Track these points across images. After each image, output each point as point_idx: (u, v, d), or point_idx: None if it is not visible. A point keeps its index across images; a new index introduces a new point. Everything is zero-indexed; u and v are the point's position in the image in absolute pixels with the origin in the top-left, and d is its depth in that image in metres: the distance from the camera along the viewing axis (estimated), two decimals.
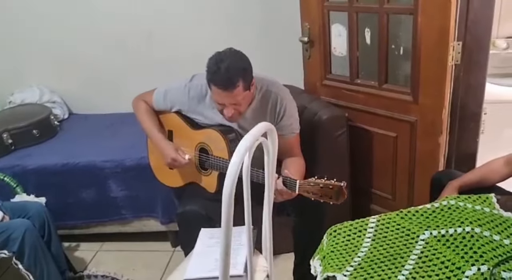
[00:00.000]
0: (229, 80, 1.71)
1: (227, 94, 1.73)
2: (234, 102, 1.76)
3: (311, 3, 2.26)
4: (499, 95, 2.41)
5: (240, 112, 1.82)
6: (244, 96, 1.77)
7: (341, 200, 1.55)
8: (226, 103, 1.78)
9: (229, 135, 1.89)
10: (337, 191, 1.53)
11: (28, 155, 2.52)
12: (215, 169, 1.91)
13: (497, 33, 2.73)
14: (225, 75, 1.70)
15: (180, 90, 1.98)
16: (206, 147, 1.94)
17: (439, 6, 1.80)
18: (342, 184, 1.53)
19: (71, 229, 2.51)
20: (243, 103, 1.80)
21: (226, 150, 1.85)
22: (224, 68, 1.69)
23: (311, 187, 1.60)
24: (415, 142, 2.10)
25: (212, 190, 1.95)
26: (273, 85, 1.94)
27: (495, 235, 0.97)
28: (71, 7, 2.86)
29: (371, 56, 2.19)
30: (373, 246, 1.07)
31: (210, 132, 1.93)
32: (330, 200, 1.56)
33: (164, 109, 2.05)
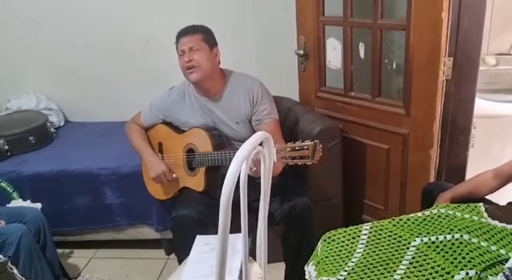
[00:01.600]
0: (191, 27, 2.02)
1: (187, 38, 1.98)
2: (192, 46, 1.96)
3: (307, 17, 2.32)
4: (489, 110, 2.46)
5: (197, 62, 1.96)
6: (203, 48, 1.98)
7: (317, 158, 1.58)
8: (186, 49, 1.97)
9: (213, 131, 2.03)
10: (313, 150, 1.57)
11: (24, 161, 2.53)
12: (202, 165, 2.01)
13: (487, 50, 2.81)
14: (189, 26, 2.03)
15: (162, 97, 2.17)
16: (193, 146, 2.05)
17: (431, 23, 1.86)
18: (316, 141, 1.58)
19: (65, 236, 2.52)
20: (200, 54, 1.97)
21: (211, 144, 1.98)
22: (188, 25, 2.03)
23: (287, 152, 1.63)
24: (407, 154, 2.15)
25: (200, 189, 2.03)
26: (246, 76, 2.12)
27: (483, 242, 1.02)
28: (69, 15, 2.89)
29: (365, 69, 2.24)
30: (366, 252, 1.11)
31: (194, 131, 2.06)
32: (307, 160, 1.58)
33: (152, 122, 2.20)
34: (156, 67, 2.93)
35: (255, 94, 2.04)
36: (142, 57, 2.95)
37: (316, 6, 2.26)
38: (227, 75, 2.10)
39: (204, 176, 2.02)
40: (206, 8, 2.78)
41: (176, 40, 2.02)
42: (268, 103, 2.06)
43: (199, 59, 1.96)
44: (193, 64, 1.96)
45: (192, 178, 2.07)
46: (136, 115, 2.24)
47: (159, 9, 2.83)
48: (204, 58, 1.97)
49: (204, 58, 1.97)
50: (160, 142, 2.17)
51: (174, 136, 2.12)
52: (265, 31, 2.81)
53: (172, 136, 2.13)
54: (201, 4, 2.79)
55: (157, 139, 2.18)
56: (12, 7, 2.91)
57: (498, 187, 1.73)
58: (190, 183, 2.08)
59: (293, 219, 1.98)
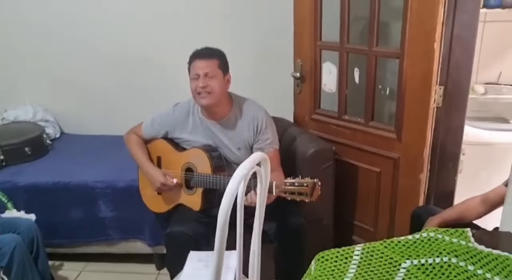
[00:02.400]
0: (207, 50, 2.03)
1: (203, 62, 1.98)
2: (208, 71, 1.96)
3: (305, 42, 2.39)
4: (477, 137, 2.51)
5: (211, 89, 1.97)
6: (218, 74, 1.98)
7: (315, 197, 1.64)
8: (201, 74, 1.97)
9: (213, 153, 2.04)
10: (312, 188, 1.62)
11: (19, 172, 2.55)
12: (200, 186, 2.02)
13: (476, 79, 2.89)
14: (205, 49, 2.04)
15: (165, 113, 2.18)
16: (192, 166, 2.06)
17: (424, 52, 1.94)
18: (316, 180, 1.63)
19: (56, 248, 2.52)
20: (214, 81, 1.97)
21: (210, 166, 1.99)
22: (206, 47, 2.05)
23: (286, 187, 1.68)
24: (398, 178, 2.20)
25: (196, 208, 2.04)
26: (251, 103, 2.13)
27: (470, 266, 1.06)
28: (69, 28, 2.93)
29: (359, 94, 2.30)
30: (358, 272, 1.15)
31: (195, 151, 2.06)
32: (305, 197, 1.65)
33: (153, 135, 2.20)
34: (154, 83, 2.98)
35: (259, 122, 2.06)
36: (140, 73, 2.99)
37: (313, 31, 2.33)
38: (234, 100, 2.11)
39: (202, 196, 2.03)
40: (205, 29, 2.85)
41: (190, 61, 2.02)
42: (271, 133, 2.09)
43: (214, 86, 1.97)
44: (207, 91, 1.97)
45: (189, 196, 2.08)
46: (137, 126, 2.24)
47: (159, 26, 2.89)
48: (218, 85, 1.98)
49: (218, 85, 1.98)
50: (159, 156, 2.19)
51: (174, 153, 2.13)
52: (263, 54, 2.87)
53: (171, 152, 2.14)
54: (200, 24, 2.85)
55: (156, 153, 2.20)
56: (11, 19, 2.94)
57: (485, 213, 1.79)
58: (187, 201, 2.09)
59: (286, 237, 2.02)
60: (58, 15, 2.91)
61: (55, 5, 2.89)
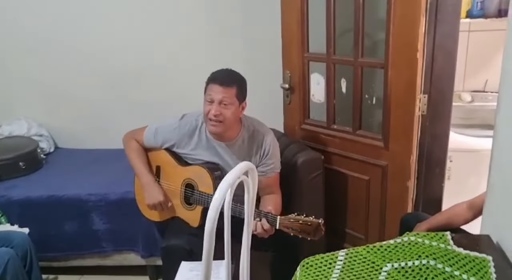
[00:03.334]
0: (228, 77, 1.94)
1: (221, 89, 1.89)
2: (224, 99, 1.89)
3: (293, 54, 2.44)
4: (464, 144, 2.55)
5: (224, 118, 1.91)
6: (233, 103, 1.92)
7: (318, 236, 1.66)
8: (216, 100, 1.90)
9: (215, 172, 2.00)
10: (315, 228, 1.65)
11: (14, 187, 2.57)
12: (200, 204, 2.00)
13: (462, 87, 2.95)
14: (225, 73, 1.96)
15: (171, 127, 2.09)
16: (193, 182, 2.03)
17: (407, 62, 1.98)
18: (320, 221, 1.65)
19: (50, 261, 2.53)
20: (229, 110, 1.91)
21: (212, 186, 1.95)
22: (227, 71, 1.97)
23: (290, 223, 1.70)
24: (386, 185, 2.24)
25: (195, 225, 2.03)
26: (261, 126, 2.11)
27: (447, 267, 1.10)
28: (61, 43, 2.95)
29: (347, 104, 2.35)
30: (341, 277, 1.18)
31: (197, 169, 2.03)
32: (308, 236, 1.67)
33: (154, 146, 2.14)
34: (148, 98, 3.00)
35: (267, 148, 2.04)
36: (134, 87, 3.02)
37: (301, 43, 2.39)
38: (243, 123, 2.07)
39: (201, 214, 1.99)
40: (197, 43, 2.89)
41: (208, 82, 1.94)
42: (275, 158, 2.08)
43: (227, 115, 1.91)
44: (220, 119, 1.91)
45: (188, 212, 2.06)
46: (138, 131, 2.16)
47: (153, 41, 2.93)
48: (231, 114, 1.92)
49: (232, 115, 1.93)
50: (159, 166, 2.15)
51: (175, 166, 2.09)
52: (252, 66, 2.89)
53: (172, 165, 2.10)
54: (192, 39, 2.90)
55: (157, 162, 2.16)
56: (5, 35, 2.98)
57: (472, 218, 1.81)
58: (186, 216, 2.07)
59: (280, 246, 2.02)
60: (52, 30, 2.94)
61: (50, 20, 2.92)
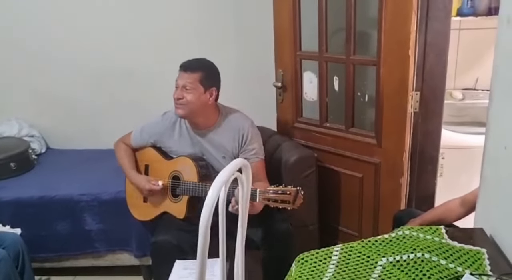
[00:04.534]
0: (192, 63, 2.05)
1: (185, 75, 2.02)
2: (186, 84, 2.01)
3: (285, 52, 2.45)
4: (456, 141, 2.58)
5: (186, 101, 2.01)
6: (197, 88, 2.02)
7: (298, 204, 1.69)
8: (180, 85, 2.02)
9: (200, 162, 2.08)
10: (294, 196, 1.67)
11: (4, 187, 2.54)
12: (186, 194, 2.06)
13: (454, 85, 2.98)
14: (193, 60, 2.07)
15: (154, 123, 2.22)
16: (178, 174, 2.09)
17: (399, 60, 2.00)
18: (298, 188, 1.68)
19: (42, 262, 2.51)
20: (192, 94, 2.01)
21: (196, 174, 2.02)
22: (195, 58, 2.08)
23: (270, 195, 1.73)
24: (379, 182, 2.25)
25: (181, 216, 2.07)
26: (239, 114, 2.17)
27: (442, 260, 1.11)
28: (51, 44, 2.94)
29: (339, 102, 2.36)
30: (337, 272, 1.18)
31: (182, 159, 2.10)
32: (288, 205, 1.70)
33: (141, 144, 2.24)
34: (138, 97, 3.00)
35: (245, 133, 2.11)
36: (125, 87, 3.01)
37: (293, 42, 2.39)
38: (221, 112, 2.15)
39: (186, 205, 2.06)
40: (189, 42, 2.89)
41: (179, 69, 2.07)
42: (256, 143, 2.13)
43: (189, 99, 2.01)
44: (181, 103, 2.02)
45: (174, 204, 2.11)
46: (126, 135, 2.28)
47: (144, 41, 2.93)
48: (194, 99, 2.02)
49: (194, 99, 2.02)
50: (147, 164, 2.22)
51: (162, 161, 2.17)
52: (245, 65, 2.92)
53: (159, 160, 2.18)
54: (184, 37, 2.90)
55: (144, 161, 2.23)
56: None
57: (464, 214, 1.82)
58: (172, 209, 2.12)
59: (273, 244, 2.04)
60: (43, 31, 2.93)
61: (41, 22, 2.91)
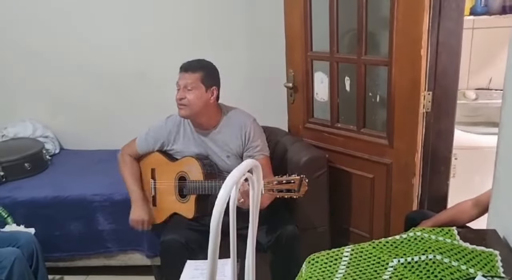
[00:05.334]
0: (192, 64, 2.06)
1: (186, 75, 2.03)
2: (187, 84, 2.02)
3: (296, 53, 2.44)
4: (469, 142, 2.55)
5: (188, 102, 2.02)
6: (198, 88, 2.03)
7: (303, 192, 1.68)
8: (182, 85, 2.03)
9: (205, 160, 2.09)
10: (299, 184, 1.67)
11: (19, 188, 2.58)
12: (193, 192, 2.07)
13: (467, 84, 2.95)
14: (193, 61, 2.07)
15: (158, 127, 2.22)
16: (185, 174, 2.11)
17: (411, 60, 1.98)
18: (302, 176, 1.68)
19: (56, 262, 2.54)
20: (194, 94, 2.02)
21: (202, 173, 2.04)
22: (194, 59, 2.08)
23: (274, 185, 1.72)
24: (391, 183, 2.23)
25: (190, 216, 2.09)
26: (241, 112, 2.18)
27: (454, 262, 1.10)
28: (65, 47, 2.98)
29: (350, 102, 2.35)
30: (348, 273, 1.18)
31: (187, 160, 2.12)
32: (293, 193, 1.69)
33: (147, 150, 2.24)
34: (150, 97, 3.02)
35: (247, 130, 2.11)
36: (137, 88, 3.04)
37: (304, 42, 2.39)
38: (223, 111, 2.16)
39: (195, 204, 2.08)
40: (200, 43, 2.90)
41: (179, 71, 2.08)
42: (260, 140, 2.13)
43: (191, 99, 2.02)
44: (184, 103, 2.03)
45: (182, 205, 2.13)
46: (129, 145, 2.27)
47: (155, 42, 2.95)
48: (196, 99, 2.03)
49: (196, 98, 2.03)
50: (154, 168, 2.24)
51: (167, 164, 2.18)
52: (256, 66, 2.93)
53: (165, 163, 2.19)
54: (195, 38, 2.91)
55: (151, 165, 2.24)
56: (11, 38, 3.00)
57: (477, 216, 1.80)
58: (181, 209, 2.14)
59: (280, 247, 2.04)
60: (56, 34, 2.96)
61: (52, 25, 2.95)
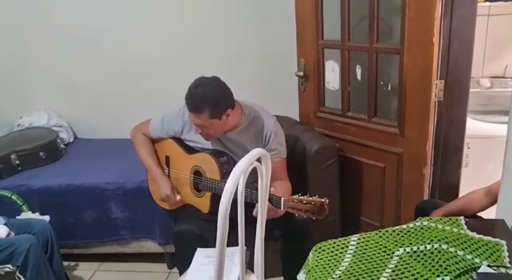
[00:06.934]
0: (196, 104, 1.91)
1: (194, 116, 1.94)
2: (199, 123, 1.95)
3: (307, 41, 2.43)
4: (483, 131, 2.52)
5: (208, 134, 1.99)
6: (212, 123, 1.95)
7: (322, 216, 1.66)
8: (193, 123, 1.98)
9: (221, 158, 2.03)
10: (319, 207, 1.65)
11: (34, 176, 2.63)
12: (208, 190, 2.03)
13: (481, 72, 2.90)
14: (194, 99, 1.91)
15: (175, 115, 2.15)
16: (200, 169, 2.07)
17: (423, 47, 1.96)
18: (324, 200, 1.65)
19: (71, 249, 2.59)
20: (211, 128, 1.97)
21: (218, 172, 1.99)
22: (196, 93, 1.90)
23: (294, 203, 1.71)
24: (402, 172, 2.22)
25: (205, 211, 2.06)
26: (260, 112, 2.11)
27: (459, 251, 1.09)
28: (80, 37, 3.01)
29: (362, 91, 2.33)
30: (353, 261, 1.19)
31: (203, 156, 2.06)
32: (312, 215, 1.68)
33: (161, 135, 2.20)
34: (163, 87, 3.04)
35: (268, 133, 2.05)
36: (149, 77, 3.06)
37: (315, 31, 2.37)
38: (243, 111, 2.07)
39: (210, 200, 2.03)
40: (212, 33, 2.91)
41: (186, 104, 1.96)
42: (279, 142, 2.08)
43: (210, 132, 1.99)
44: (204, 135, 2.01)
45: (198, 198, 2.09)
46: (144, 124, 2.23)
47: (167, 31, 2.96)
48: (214, 130, 1.98)
49: (213, 130, 1.98)
50: (168, 156, 2.20)
51: (182, 155, 2.14)
52: (267, 55, 2.92)
53: (180, 153, 2.15)
54: (206, 28, 2.92)
55: (165, 152, 2.21)
56: (26, 29, 3.03)
57: (489, 205, 1.79)
58: (196, 202, 2.10)
59: (291, 235, 2.04)
60: (69, 25, 2.99)
61: (67, 15, 2.97)
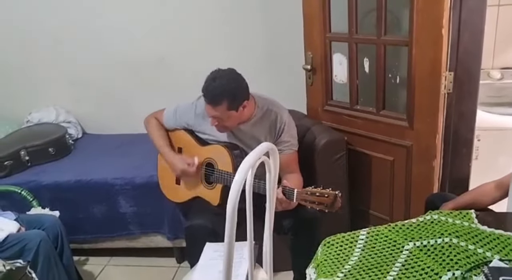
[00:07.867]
0: (214, 97, 1.91)
1: (211, 108, 1.94)
2: (215, 116, 1.95)
3: (314, 34, 2.41)
4: (493, 123, 2.48)
5: (224, 126, 2.00)
6: (229, 115, 1.95)
7: (335, 209, 1.66)
8: (209, 115, 1.98)
9: (234, 150, 2.04)
10: (332, 200, 1.64)
11: (43, 172, 2.64)
12: (220, 182, 2.03)
13: (492, 64, 2.86)
14: (212, 91, 1.91)
15: (188, 107, 2.17)
16: (213, 161, 2.07)
17: (432, 39, 1.93)
18: (337, 193, 1.65)
19: (81, 243, 2.61)
20: (228, 120, 1.97)
21: (231, 164, 1.99)
22: (214, 85, 1.90)
23: (307, 195, 1.71)
24: (411, 165, 2.20)
25: (215, 203, 2.06)
26: (274, 105, 2.11)
27: (470, 245, 1.08)
28: (88, 32, 3.02)
29: (370, 84, 2.31)
30: (363, 256, 1.18)
31: (216, 148, 2.07)
32: (325, 208, 1.68)
33: (174, 126, 2.22)
34: (170, 81, 3.04)
35: (281, 126, 2.05)
36: (157, 72, 3.06)
37: (322, 23, 2.35)
38: (257, 103, 2.07)
39: (221, 192, 2.03)
40: (218, 27, 2.90)
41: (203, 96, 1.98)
42: (291, 135, 2.08)
43: (227, 124, 1.99)
44: (220, 128, 2.02)
45: (208, 191, 2.09)
46: (159, 112, 2.26)
47: (174, 26, 2.95)
48: (230, 122, 1.99)
49: (230, 122, 1.99)
50: (181, 147, 2.21)
51: (195, 146, 2.14)
52: (274, 48, 2.91)
53: (193, 145, 2.15)
54: (213, 22, 2.91)
55: (178, 144, 2.22)
56: (34, 25, 3.05)
57: (500, 198, 1.77)
58: (206, 195, 2.10)
59: (300, 229, 2.04)
60: (78, 21, 3.00)
61: (75, 11, 2.98)
